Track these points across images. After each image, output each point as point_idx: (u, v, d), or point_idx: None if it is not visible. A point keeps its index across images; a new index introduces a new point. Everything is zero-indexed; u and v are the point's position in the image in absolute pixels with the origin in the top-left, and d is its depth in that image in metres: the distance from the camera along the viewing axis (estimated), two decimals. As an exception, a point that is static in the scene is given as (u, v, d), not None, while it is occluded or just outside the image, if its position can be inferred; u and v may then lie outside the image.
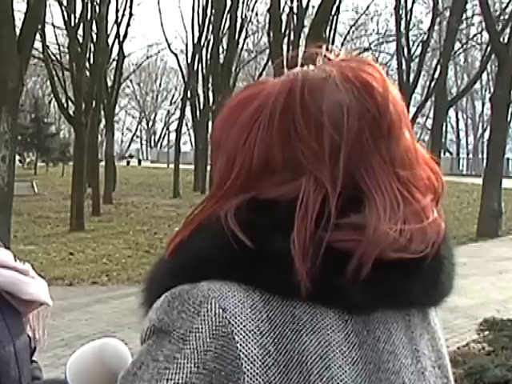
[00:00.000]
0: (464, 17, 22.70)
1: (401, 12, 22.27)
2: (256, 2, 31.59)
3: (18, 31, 10.56)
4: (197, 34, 30.72)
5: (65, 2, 23.55)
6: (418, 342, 1.01)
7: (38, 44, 19.86)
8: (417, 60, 22.57)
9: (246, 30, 32.60)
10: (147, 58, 50.44)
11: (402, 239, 0.93)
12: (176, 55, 35.75)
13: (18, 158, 32.83)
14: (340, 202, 0.93)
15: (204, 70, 31.33)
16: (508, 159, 35.06)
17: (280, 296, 0.91)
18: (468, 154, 52.84)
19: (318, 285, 0.90)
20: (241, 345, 0.89)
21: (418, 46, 24.07)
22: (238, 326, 0.89)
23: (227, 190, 0.99)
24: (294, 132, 0.96)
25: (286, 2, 21.58)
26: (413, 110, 22.69)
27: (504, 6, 22.51)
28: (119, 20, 28.08)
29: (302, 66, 1.02)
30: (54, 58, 25.30)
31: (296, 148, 0.96)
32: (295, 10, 21.67)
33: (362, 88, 0.97)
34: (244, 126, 0.99)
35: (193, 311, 0.91)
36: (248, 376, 0.88)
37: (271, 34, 16.95)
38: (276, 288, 0.91)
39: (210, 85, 30.44)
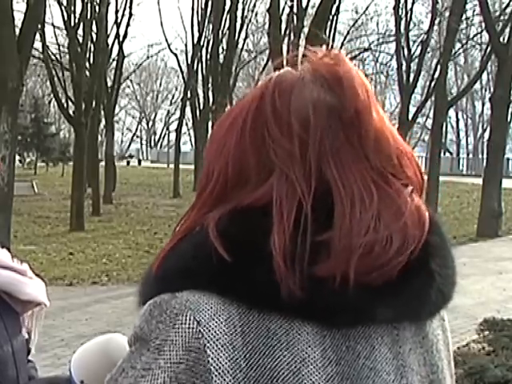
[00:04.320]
0: (464, 17, 22.66)
1: (400, 12, 22.25)
2: (256, 2, 31.62)
3: (18, 31, 10.56)
4: (196, 34, 30.71)
5: (65, 2, 23.56)
6: (406, 357, 0.98)
7: (38, 44, 19.88)
8: (417, 60, 22.53)
9: (246, 30, 32.63)
10: (147, 58, 50.39)
11: (376, 247, 0.91)
12: (176, 55, 35.82)
13: (18, 157, 32.85)
14: (314, 203, 0.92)
15: (204, 70, 31.30)
16: (508, 159, 35.04)
17: (257, 309, 0.91)
18: (468, 154, 52.76)
19: (297, 294, 0.89)
20: (212, 358, 0.89)
21: (418, 46, 24.01)
22: (212, 339, 0.89)
23: (205, 199, 1.01)
24: (268, 135, 0.97)
25: (285, 2, 21.56)
26: (413, 110, 22.67)
27: (504, 5, 22.50)
28: (119, 20, 28.13)
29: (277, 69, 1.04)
30: (54, 57, 25.31)
31: (269, 149, 0.97)
32: (295, 10, 21.64)
33: (332, 80, 0.98)
34: (221, 137, 1.02)
35: (169, 322, 0.92)
36: None
37: (271, 34, 16.93)
38: (253, 300, 0.91)
39: (209, 85, 30.39)
